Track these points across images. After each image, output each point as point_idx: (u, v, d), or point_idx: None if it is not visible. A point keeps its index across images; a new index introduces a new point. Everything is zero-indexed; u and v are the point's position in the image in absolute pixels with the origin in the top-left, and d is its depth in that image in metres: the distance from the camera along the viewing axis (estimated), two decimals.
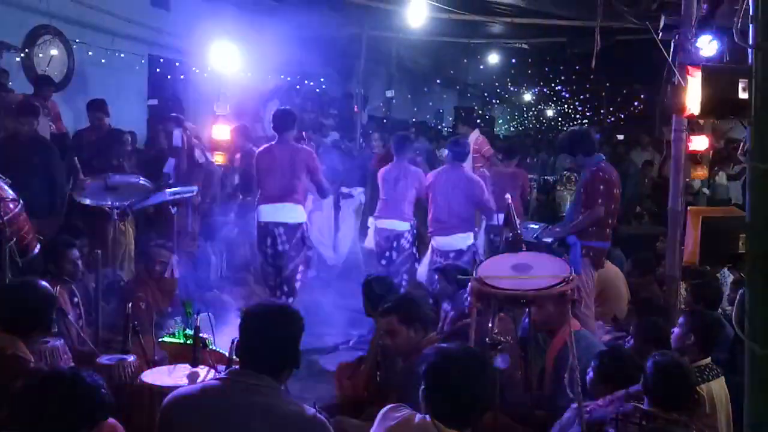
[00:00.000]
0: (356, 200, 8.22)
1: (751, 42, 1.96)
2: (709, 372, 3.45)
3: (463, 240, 5.97)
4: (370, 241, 6.47)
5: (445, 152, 7.05)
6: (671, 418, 2.84)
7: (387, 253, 6.22)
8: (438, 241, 6.02)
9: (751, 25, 1.99)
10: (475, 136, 8.32)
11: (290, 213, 5.76)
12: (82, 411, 2.30)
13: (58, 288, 4.10)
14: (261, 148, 6.04)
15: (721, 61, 4.39)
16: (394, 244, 6.19)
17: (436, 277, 4.79)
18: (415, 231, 6.34)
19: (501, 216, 6.28)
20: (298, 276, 5.88)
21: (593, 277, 5.03)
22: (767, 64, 1.93)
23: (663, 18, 5.50)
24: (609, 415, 2.94)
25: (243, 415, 2.21)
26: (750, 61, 2.00)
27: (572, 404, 3.11)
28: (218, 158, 7.61)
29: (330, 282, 7.45)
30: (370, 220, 6.53)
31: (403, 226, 6.21)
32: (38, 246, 4.24)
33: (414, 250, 6.31)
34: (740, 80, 3.57)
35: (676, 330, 3.67)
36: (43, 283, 3.38)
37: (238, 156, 7.57)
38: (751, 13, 1.98)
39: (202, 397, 2.31)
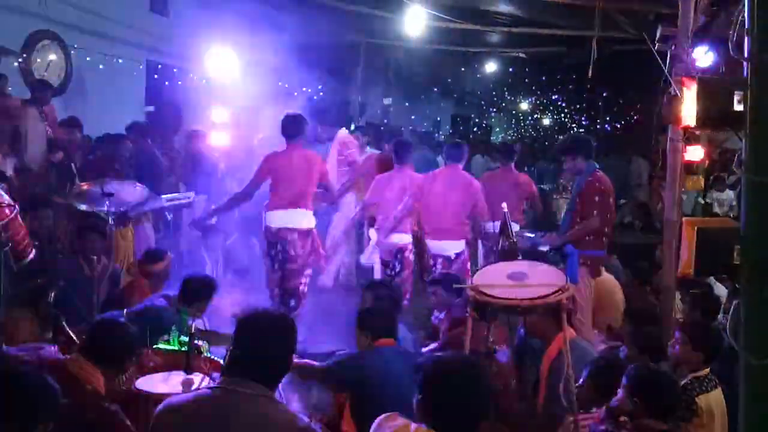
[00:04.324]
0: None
1: (746, 54, 1.97)
2: (708, 383, 3.46)
3: (453, 247, 5.91)
4: (370, 257, 6.35)
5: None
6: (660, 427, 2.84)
7: (389, 269, 6.12)
8: (431, 244, 5.99)
9: (746, 38, 2.00)
10: (341, 136, 7.43)
11: (303, 218, 5.75)
12: (23, 409, 2.28)
13: None
14: (274, 153, 5.89)
15: (717, 73, 4.41)
16: (398, 257, 6.09)
17: (431, 289, 4.74)
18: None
19: (497, 224, 6.31)
20: (306, 281, 5.88)
21: (590, 286, 5.03)
22: (762, 76, 1.94)
23: (659, 29, 5.52)
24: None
25: (236, 424, 2.20)
26: (745, 73, 2.00)
27: (566, 416, 3.11)
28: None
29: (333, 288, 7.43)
30: (372, 232, 6.37)
31: (406, 238, 6.12)
32: (33, 251, 4.23)
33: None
34: (735, 92, 3.59)
35: (676, 341, 3.66)
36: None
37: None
38: (746, 26, 1.99)
39: (194, 405, 2.29)
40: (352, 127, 9.33)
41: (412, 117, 17.33)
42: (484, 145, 14.77)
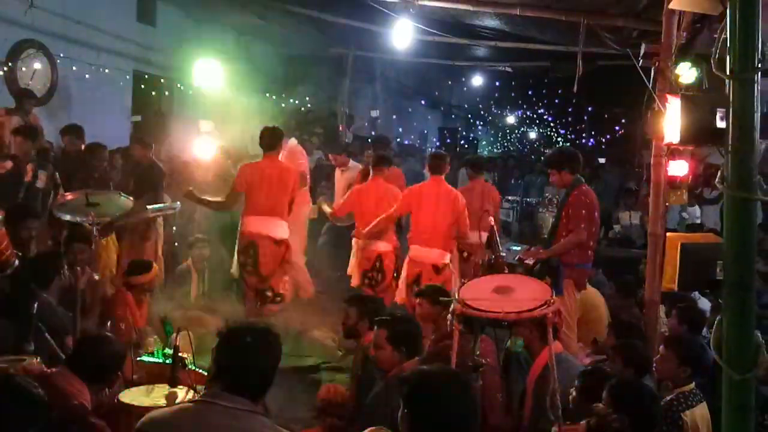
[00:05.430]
0: None
1: (728, 72, 1.99)
2: (693, 398, 3.48)
3: (440, 256, 5.90)
4: (353, 267, 6.38)
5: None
6: None
7: (370, 276, 6.18)
8: (416, 251, 5.96)
9: (728, 55, 2.03)
10: (290, 146, 6.94)
11: (278, 228, 5.93)
12: (16, 413, 2.29)
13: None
14: (249, 164, 6.11)
15: (700, 89, 4.45)
16: (377, 265, 6.16)
17: (417, 300, 4.72)
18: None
19: (481, 234, 6.36)
20: (285, 284, 6.06)
21: (576, 299, 5.05)
22: (744, 93, 1.96)
23: (643, 45, 5.59)
24: None
25: None
26: (728, 90, 2.03)
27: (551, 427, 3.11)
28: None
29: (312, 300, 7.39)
30: (354, 242, 6.44)
31: (386, 246, 6.20)
32: (17, 261, 4.18)
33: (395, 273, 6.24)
34: (718, 109, 3.64)
35: (661, 356, 3.67)
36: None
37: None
38: (728, 44, 2.01)
39: (175, 419, 2.26)
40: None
41: (400, 129, 17.38)
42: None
